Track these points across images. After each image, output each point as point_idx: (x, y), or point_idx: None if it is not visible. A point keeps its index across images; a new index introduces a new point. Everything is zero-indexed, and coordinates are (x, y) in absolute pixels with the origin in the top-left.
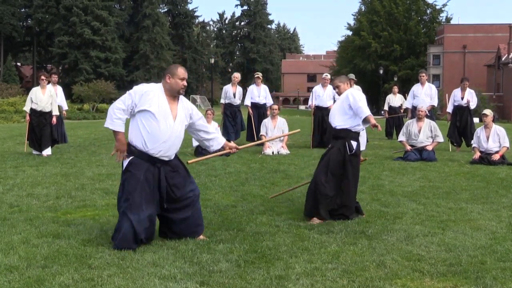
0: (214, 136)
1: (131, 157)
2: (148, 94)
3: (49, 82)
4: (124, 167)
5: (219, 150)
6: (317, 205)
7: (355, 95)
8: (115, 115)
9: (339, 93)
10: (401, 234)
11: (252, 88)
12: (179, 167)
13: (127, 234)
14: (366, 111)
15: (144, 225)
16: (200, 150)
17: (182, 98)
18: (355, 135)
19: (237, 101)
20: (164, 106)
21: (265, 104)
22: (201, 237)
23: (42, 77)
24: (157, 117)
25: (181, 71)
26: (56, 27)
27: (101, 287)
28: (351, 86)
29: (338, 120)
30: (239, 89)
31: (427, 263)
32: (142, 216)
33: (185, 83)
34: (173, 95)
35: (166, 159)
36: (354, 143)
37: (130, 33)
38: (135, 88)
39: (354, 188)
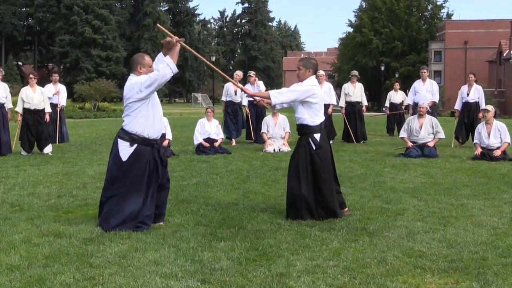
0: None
1: (135, 145)
2: None
3: (51, 82)
4: (127, 155)
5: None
6: (296, 208)
7: (299, 85)
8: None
9: (298, 77)
10: (403, 230)
11: (247, 88)
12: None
13: (133, 215)
14: (275, 94)
15: (152, 209)
16: (202, 148)
17: None
18: (317, 128)
19: (238, 99)
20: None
21: None
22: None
23: (31, 75)
24: (153, 104)
25: (148, 59)
26: (57, 26)
27: (102, 286)
28: (352, 83)
29: (296, 114)
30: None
31: (428, 259)
32: (150, 199)
33: (153, 69)
34: None
35: (158, 139)
36: (317, 136)
37: (131, 31)
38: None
39: (330, 182)
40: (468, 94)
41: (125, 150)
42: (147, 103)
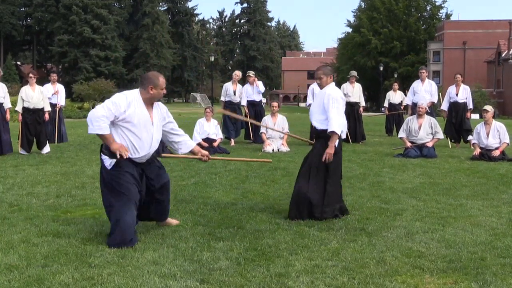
0: (183, 139)
1: (115, 160)
2: (130, 106)
3: (50, 81)
4: (109, 167)
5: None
6: (299, 207)
7: (333, 99)
8: (102, 121)
9: (321, 86)
10: (401, 230)
11: (246, 88)
12: (153, 159)
13: (130, 226)
14: (333, 125)
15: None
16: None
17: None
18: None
19: (237, 99)
20: (144, 115)
21: (261, 101)
22: (173, 221)
23: (30, 75)
24: (139, 127)
25: (162, 81)
26: (56, 26)
27: (101, 285)
28: (351, 83)
29: (316, 119)
30: (239, 87)
31: (427, 259)
32: (135, 211)
33: (165, 91)
34: (151, 102)
35: (145, 160)
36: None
37: (130, 31)
38: (118, 100)
39: (336, 186)
40: (457, 94)
41: (108, 162)
42: (133, 126)
